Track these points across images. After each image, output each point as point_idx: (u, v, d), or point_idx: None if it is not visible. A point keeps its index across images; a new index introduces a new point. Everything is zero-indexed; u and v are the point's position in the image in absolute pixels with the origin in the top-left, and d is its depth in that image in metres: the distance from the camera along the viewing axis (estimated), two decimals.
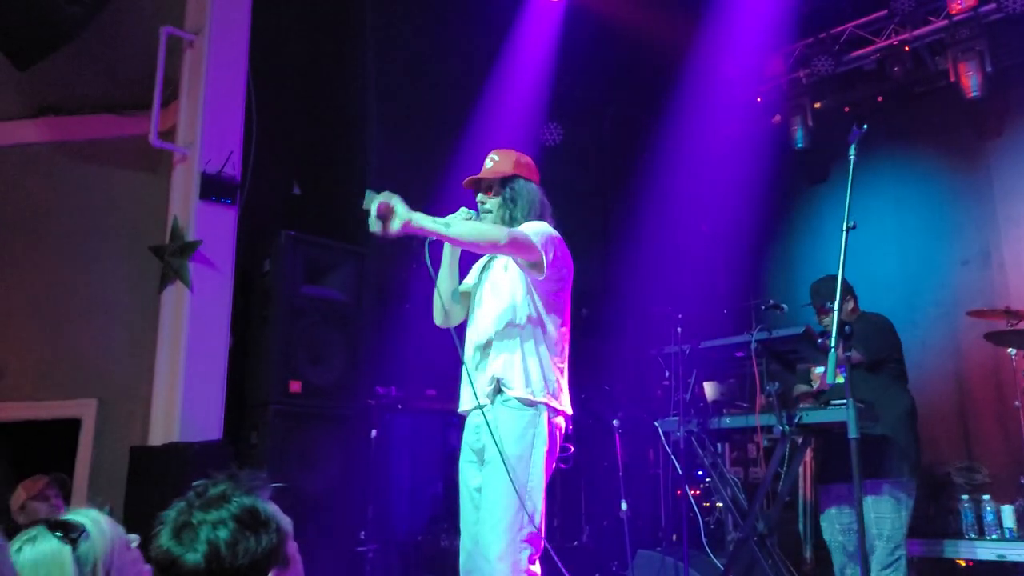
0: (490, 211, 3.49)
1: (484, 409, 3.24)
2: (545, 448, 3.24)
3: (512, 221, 3.45)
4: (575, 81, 8.22)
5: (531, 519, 3.13)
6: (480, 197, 3.55)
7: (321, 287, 5.60)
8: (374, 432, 5.54)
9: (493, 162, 3.56)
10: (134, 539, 1.98)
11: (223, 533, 1.73)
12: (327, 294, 5.61)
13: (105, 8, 5.35)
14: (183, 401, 5.14)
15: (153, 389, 5.36)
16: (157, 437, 5.18)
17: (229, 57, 5.71)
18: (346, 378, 5.55)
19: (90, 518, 1.88)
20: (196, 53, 5.67)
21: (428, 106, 7.10)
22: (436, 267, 3.48)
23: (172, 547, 1.73)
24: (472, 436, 3.38)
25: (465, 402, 3.42)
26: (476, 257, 3.67)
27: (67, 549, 1.79)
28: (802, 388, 5.08)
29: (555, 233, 3.41)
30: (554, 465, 3.35)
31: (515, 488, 3.11)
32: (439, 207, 3.41)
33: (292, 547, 1.86)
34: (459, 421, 3.54)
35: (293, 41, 6.47)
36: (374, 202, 3.03)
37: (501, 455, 3.13)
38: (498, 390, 3.27)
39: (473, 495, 3.32)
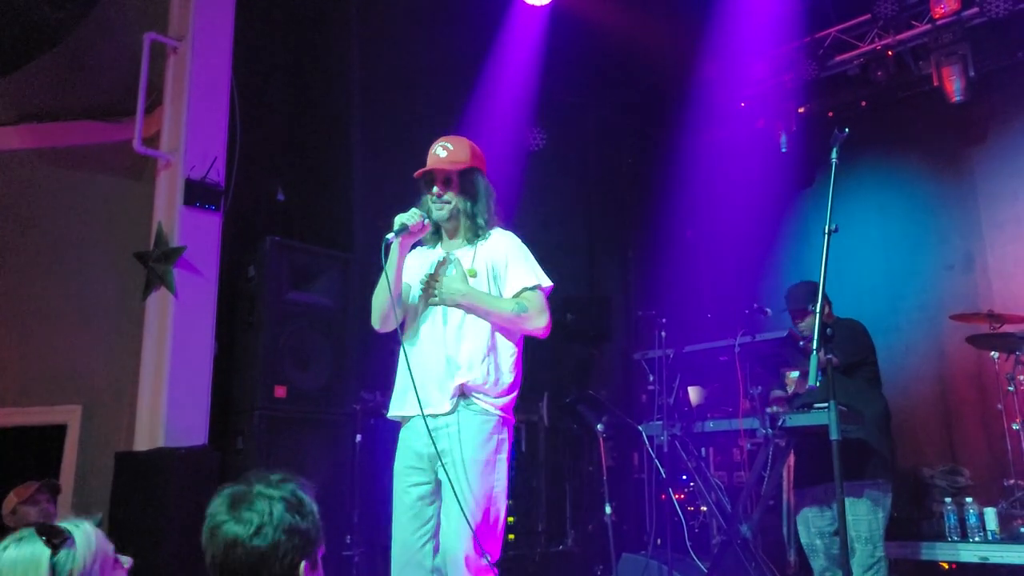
0: (448, 202, 3.39)
1: (447, 415, 3.16)
2: (507, 454, 3.24)
3: (473, 216, 3.40)
4: (560, 86, 8.21)
5: (495, 524, 3.13)
6: (436, 190, 3.39)
7: (306, 292, 5.60)
8: (359, 437, 5.55)
9: (447, 151, 3.40)
10: (126, 560, 1.99)
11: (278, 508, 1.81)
12: (312, 299, 5.61)
13: (89, 14, 5.34)
14: (168, 406, 5.12)
15: (138, 395, 5.34)
16: (142, 443, 5.17)
17: (213, 63, 5.71)
18: (331, 383, 5.56)
19: (81, 529, 1.90)
20: (180, 59, 5.67)
21: (412, 112, 7.09)
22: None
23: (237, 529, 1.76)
24: (420, 441, 3.22)
25: (408, 407, 3.28)
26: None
27: (46, 553, 1.82)
28: (777, 393, 5.09)
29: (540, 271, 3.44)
30: None
31: (483, 494, 3.09)
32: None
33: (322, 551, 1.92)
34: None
35: (277, 47, 6.47)
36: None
37: (468, 461, 3.08)
38: (464, 395, 3.20)
39: (413, 504, 3.21)
